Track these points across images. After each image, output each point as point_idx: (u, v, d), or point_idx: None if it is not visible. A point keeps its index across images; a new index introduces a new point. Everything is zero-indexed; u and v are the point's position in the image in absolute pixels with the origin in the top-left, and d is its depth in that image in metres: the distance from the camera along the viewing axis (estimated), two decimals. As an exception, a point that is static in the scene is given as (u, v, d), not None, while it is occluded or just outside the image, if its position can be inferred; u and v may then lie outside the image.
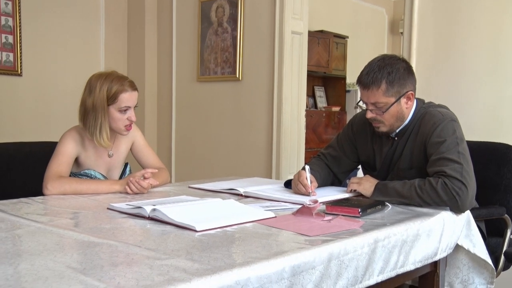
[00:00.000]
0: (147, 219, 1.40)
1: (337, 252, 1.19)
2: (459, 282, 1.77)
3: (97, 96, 1.89)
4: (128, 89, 1.92)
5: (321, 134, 5.33)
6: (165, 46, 4.01)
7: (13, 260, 1.01)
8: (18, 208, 1.54)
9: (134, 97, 1.95)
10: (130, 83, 1.95)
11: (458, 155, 1.66)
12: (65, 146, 1.92)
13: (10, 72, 3.48)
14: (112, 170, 2.06)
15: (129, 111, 1.95)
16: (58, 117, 3.69)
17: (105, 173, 2.02)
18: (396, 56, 1.83)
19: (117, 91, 1.90)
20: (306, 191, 1.79)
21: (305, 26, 3.38)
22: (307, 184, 1.80)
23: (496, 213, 1.97)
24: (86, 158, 1.97)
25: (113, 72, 1.97)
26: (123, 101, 1.91)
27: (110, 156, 2.03)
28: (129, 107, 1.94)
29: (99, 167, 2.00)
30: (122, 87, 1.91)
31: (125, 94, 1.91)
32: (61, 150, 1.92)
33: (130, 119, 1.95)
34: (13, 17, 3.46)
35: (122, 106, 1.91)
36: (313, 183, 1.83)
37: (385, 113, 1.78)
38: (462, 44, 2.74)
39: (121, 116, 1.93)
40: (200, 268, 0.97)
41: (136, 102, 1.98)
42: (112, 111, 1.92)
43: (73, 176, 1.96)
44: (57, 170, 1.86)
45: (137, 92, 1.97)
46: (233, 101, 3.57)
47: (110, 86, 1.90)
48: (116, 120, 1.93)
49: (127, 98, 1.92)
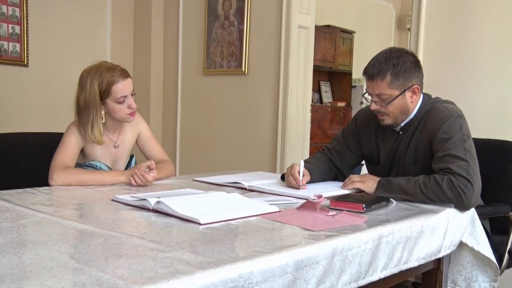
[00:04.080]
0: (151, 211, 1.41)
1: (341, 248, 1.19)
2: (463, 279, 1.77)
3: (88, 93, 1.88)
4: (119, 79, 1.90)
5: (326, 129, 5.31)
6: (172, 39, 4.01)
7: (18, 249, 1.01)
8: (23, 198, 1.54)
9: (127, 85, 1.93)
10: (121, 71, 1.92)
11: (464, 152, 1.65)
12: (70, 137, 1.92)
13: (17, 62, 3.49)
14: (118, 162, 2.06)
15: (127, 100, 1.93)
16: (63, 108, 3.67)
17: (110, 164, 2.02)
18: (404, 49, 1.82)
19: (109, 83, 1.88)
20: (297, 184, 1.80)
21: (312, 20, 3.36)
22: (297, 177, 1.80)
23: (501, 211, 1.96)
24: (92, 149, 1.97)
25: (102, 64, 1.94)
26: (118, 92, 1.90)
27: (116, 147, 2.03)
28: (125, 96, 1.92)
29: (105, 159, 2.00)
30: (113, 78, 1.89)
31: (117, 84, 1.89)
32: (66, 141, 1.92)
33: (130, 107, 1.94)
34: (20, 7, 3.46)
35: (118, 97, 1.90)
36: (305, 177, 1.83)
37: (388, 105, 1.77)
38: (470, 40, 2.72)
39: (120, 106, 1.92)
40: (203, 261, 0.97)
41: (132, 89, 1.95)
42: (110, 104, 1.91)
43: (79, 167, 1.96)
44: (63, 160, 1.87)
45: (130, 79, 1.95)
46: (239, 95, 3.57)
47: (101, 80, 1.88)
48: (117, 111, 1.93)
49: (121, 88, 1.90)
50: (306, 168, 1.89)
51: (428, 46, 2.86)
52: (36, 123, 3.56)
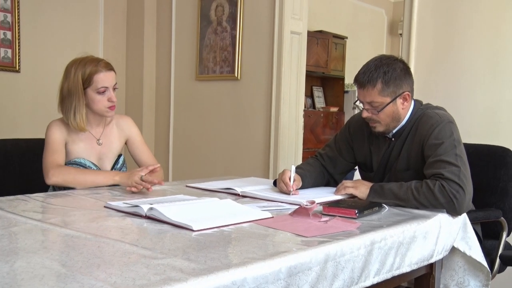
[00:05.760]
0: (144, 218, 1.40)
1: (334, 253, 1.19)
2: (455, 284, 1.77)
3: (71, 81, 1.92)
4: (102, 69, 1.93)
5: (319, 135, 5.33)
6: (164, 45, 4.01)
7: (10, 257, 1.00)
8: (14, 206, 1.53)
9: (110, 77, 1.95)
10: (105, 63, 1.96)
11: (455, 158, 1.67)
12: (52, 135, 1.96)
13: (8, 68, 3.47)
14: (104, 160, 2.05)
15: (108, 92, 1.95)
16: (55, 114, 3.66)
17: (96, 162, 2.01)
18: (394, 56, 1.84)
19: (91, 72, 1.92)
20: (287, 189, 1.81)
21: (304, 26, 3.38)
22: (288, 182, 1.81)
23: (493, 215, 1.97)
24: (74, 145, 1.98)
25: (88, 56, 1.98)
26: (99, 82, 1.92)
27: (99, 144, 2.03)
28: (106, 87, 1.94)
29: (89, 156, 2.00)
30: (96, 68, 1.92)
31: (99, 74, 1.92)
32: (50, 140, 1.95)
33: (110, 100, 1.96)
34: (12, 13, 3.45)
35: (99, 87, 1.93)
36: (295, 182, 1.84)
37: (380, 113, 1.79)
38: (461, 46, 2.75)
39: (100, 97, 1.94)
40: (196, 268, 0.97)
41: (114, 83, 1.98)
42: (90, 93, 1.94)
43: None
44: (53, 158, 1.90)
45: (113, 72, 1.98)
46: (232, 101, 3.57)
47: (84, 69, 1.92)
48: (96, 102, 1.95)
49: (102, 79, 1.93)
50: (298, 174, 1.89)
51: (420, 52, 2.88)
52: (28, 129, 3.53)
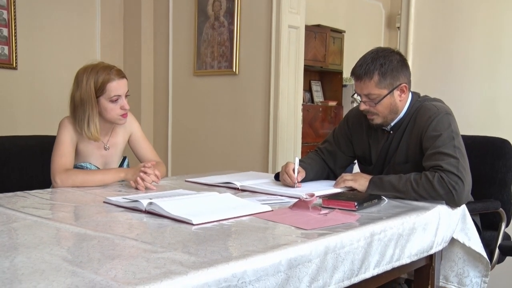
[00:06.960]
0: (143, 213, 1.40)
1: (333, 246, 1.20)
2: (454, 275, 1.78)
3: (84, 90, 1.88)
4: (115, 77, 1.91)
5: (317, 129, 5.33)
6: (162, 40, 4.00)
7: (10, 253, 1.00)
8: (14, 202, 1.53)
9: (122, 85, 1.93)
10: (117, 71, 1.93)
11: (454, 149, 1.67)
12: (65, 135, 1.92)
13: (5, 65, 3.46)
14: (109, 164, 2.04)
15: (121, 100, 1.93)
16: (53, 110, 3.66)
17: (101, 166, 2.01)
18: (390, 48, 1.84)
19: (104, 81, 1.89)
20: (292, 181, 1.80)
21: (302, 20, 3.37)
22: (292, 174, 1.81)
23: (491, 207, 1.98)
24: (83, 147, 1.96)
25: (99, 63, 1.95)
26: (112, 90, 1.90)
27: (106, 149, 2.02)
28: (119, 95, 1.92)
29: (94, 160, 1.99)
30: (109, 76, 1.89)
31: (112, 83, 1.90)
32: (61, 139, 1.91)
33: (123, 108, 1.94)
34: (8, 9, 3.43)
35: (112, 95, 1.90)
36: (300, 173, 1.84)
37: (377, 105, 1.79)
38: (459, 38, 2.74)
39: (113, 106, 1.92)
40: (196, 261, 0.97)
41: (126, 90, 1.96)
42: (103, 102, 1.91)
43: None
44: (62, 161, 1.87)
45: (125, 80, 1.95)
46: (230, 96, 3.57)
47: (97, 77, 1.89)
48: (109, 110, 1.92)
49: (116, 87, 1.90)
50: (301, 167, 1.89)
51: (418, 45, 2.88)
52: (26, 126, 3.53)
